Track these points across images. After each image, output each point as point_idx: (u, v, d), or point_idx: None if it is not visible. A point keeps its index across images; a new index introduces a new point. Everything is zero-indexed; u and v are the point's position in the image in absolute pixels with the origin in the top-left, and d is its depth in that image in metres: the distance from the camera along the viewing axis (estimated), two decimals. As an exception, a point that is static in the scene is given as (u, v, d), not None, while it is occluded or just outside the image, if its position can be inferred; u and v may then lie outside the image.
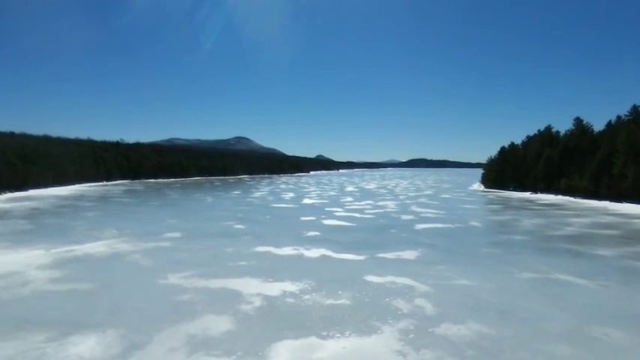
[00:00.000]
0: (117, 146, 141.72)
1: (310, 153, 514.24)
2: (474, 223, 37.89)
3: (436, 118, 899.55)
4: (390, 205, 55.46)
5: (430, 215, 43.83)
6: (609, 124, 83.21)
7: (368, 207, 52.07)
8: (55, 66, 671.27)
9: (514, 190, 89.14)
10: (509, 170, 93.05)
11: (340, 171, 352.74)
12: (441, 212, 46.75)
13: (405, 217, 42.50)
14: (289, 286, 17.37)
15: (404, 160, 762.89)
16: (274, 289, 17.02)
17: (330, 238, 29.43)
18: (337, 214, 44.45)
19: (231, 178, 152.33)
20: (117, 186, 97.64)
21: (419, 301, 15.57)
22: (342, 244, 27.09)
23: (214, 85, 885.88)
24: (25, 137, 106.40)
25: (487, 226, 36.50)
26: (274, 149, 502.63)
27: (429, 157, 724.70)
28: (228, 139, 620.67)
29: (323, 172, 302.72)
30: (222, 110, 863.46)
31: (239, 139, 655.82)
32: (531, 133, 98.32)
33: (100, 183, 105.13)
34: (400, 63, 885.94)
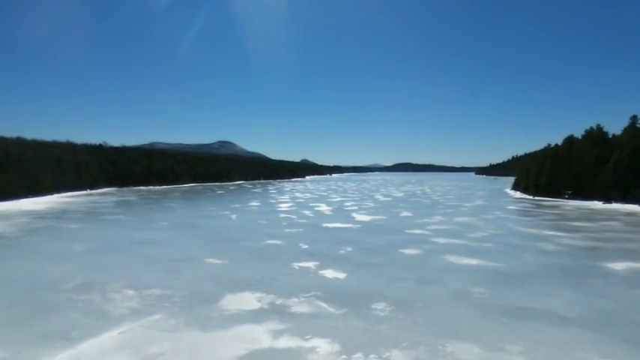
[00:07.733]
0: (100, 150, 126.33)
1: (294, 157, 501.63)
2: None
3: (419, 122, 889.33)
4: (478, 223, 42.33)
5: (576, 243, 31.15)
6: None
7: (454, 227, 39.12)
8: (28, 66, 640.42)
9: (570, 198, 77.50)
10: (561, 175, 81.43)
11: (333, 176, 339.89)
12: (574, 235, 34.21)
13: (543, 245, 29.62)
14: None
15: (389, 164, 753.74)
16: None
17: (534, 305, 16.30)
18: (436, 240, 31.33)
19: (230, 185, 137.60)
20: (104, 196, 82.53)
21: None
22: (592, 329, 14.01)
23: (195, 89, 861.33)
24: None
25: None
26: (258, 153, 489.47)
27: (414, 162, 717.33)
28: (211, 143, 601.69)
29: (318, 176, 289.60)
30: (204, 114, 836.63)
31: (223, 143, 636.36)
32: (521, 136, 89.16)
33: (84, 192, 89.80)
34: (383, 68, 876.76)
